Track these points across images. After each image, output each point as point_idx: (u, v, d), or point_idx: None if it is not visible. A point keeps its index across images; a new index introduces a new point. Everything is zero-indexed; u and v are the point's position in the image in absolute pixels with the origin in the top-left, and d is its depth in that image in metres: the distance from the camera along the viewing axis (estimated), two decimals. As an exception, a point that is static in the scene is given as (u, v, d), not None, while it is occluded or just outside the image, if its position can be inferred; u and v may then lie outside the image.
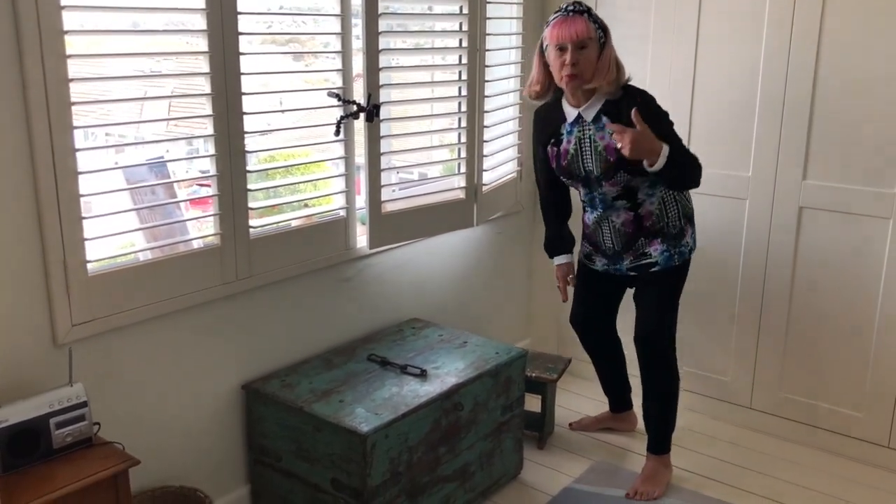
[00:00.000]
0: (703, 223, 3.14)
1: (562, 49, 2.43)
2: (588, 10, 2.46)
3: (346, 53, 2.55)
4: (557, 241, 2.90)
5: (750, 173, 3.01)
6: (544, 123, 2.69)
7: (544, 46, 2.52)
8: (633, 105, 2.42)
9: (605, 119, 2.50)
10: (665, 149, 2.37)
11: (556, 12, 2.48)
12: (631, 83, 2.54)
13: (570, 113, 2.58)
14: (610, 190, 2.58)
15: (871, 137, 2.73)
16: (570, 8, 2.45)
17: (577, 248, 2.91)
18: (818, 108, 2.82)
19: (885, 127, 2.70)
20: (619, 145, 2.37)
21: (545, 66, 2.55)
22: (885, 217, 2.75)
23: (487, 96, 3.02)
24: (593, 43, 2.44)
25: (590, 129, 2.54)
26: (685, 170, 2.46)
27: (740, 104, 2.97)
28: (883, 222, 2.76)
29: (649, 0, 3.09)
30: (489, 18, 2.97)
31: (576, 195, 2.84)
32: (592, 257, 2.80)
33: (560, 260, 2.90)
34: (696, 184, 2.53)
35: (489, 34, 2.98)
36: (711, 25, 3.00)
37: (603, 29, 2.48)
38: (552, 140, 2.65)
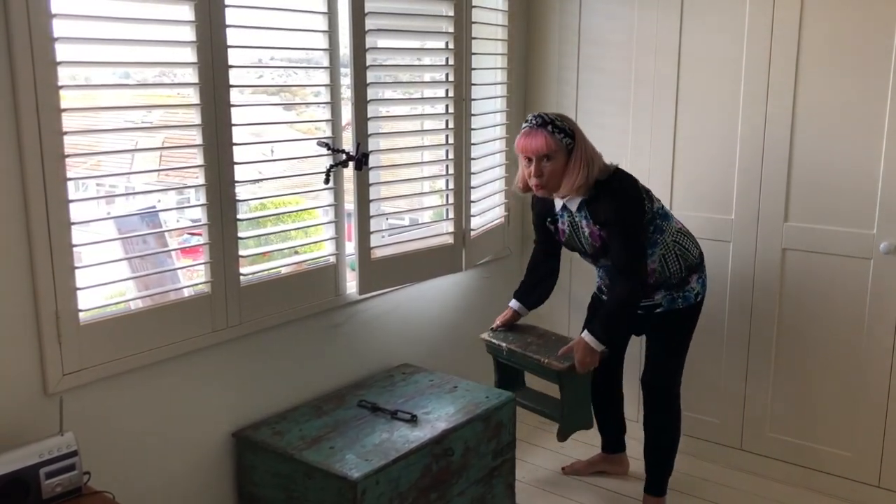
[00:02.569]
0: (689, 266, 3.19)
1: (528, 159, 2.56)
2: (552, 122, 2.54)
3: (335, 104, 2.60)
4: (525, 287, 2.97)
5: (733, 216, 3.07)
6: (541, 207, 2.81)
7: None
8: (606, 211, 2.55)
9: (586, 211, 2.61)
10: (596, 344, 2.60)
11: (525, 122, 2.59)
12: (618, 168, 2.63)
13: (557, 202, 2.70)
14: (607, 263, 2.68)
15: (849, 180, 2.80)
16: (533, 122, 2.56)
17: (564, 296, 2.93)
18: (797, 152, 2.89)
19: (862, 170, 2.77)
20: (565, 366, 2.63)
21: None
22: (866, 257, 2.80)
23: (474, 144, 3.08)
24: (558, 153, 2.53)
25: (576, 217, 2.65)
26: (622, 320, 2.64)
27: (721, 150, 3.04)
28: (864, 262, 2.81)
29: (629, 51, 3.18)
30: (475, 69, 3.04)
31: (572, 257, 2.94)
32: (604, 292, 2.86)
33: (514, 304, 2.96)
34: (628, 317, 2.67)
35: (475, 84, 3.05)
36: (691, 76, 3.08)
37: (570, 135, 2.55)
38: (549, 218, 2.77)
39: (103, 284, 2.11)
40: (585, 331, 2.63)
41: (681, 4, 3.06)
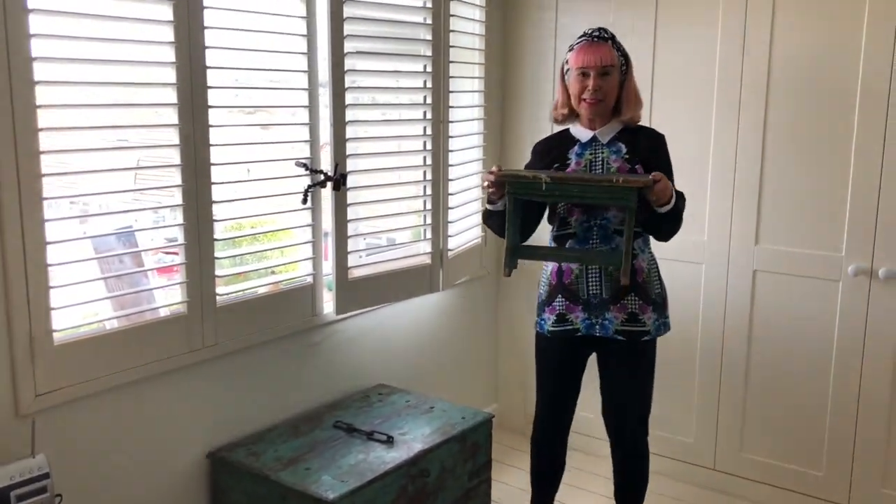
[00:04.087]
0: (663, 287, 3.23)
1: (584, 74, 2.40)
2: (613, 38, 2.43)
3: (313, 124, 2.62)
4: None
5: (705, 238, 3.12)
6: (545, 152, 2.57)
7: (566, 70, 2.48)
8: (653, 140, 2.46)
9: (621, 145, 2.46)
10: (673, 195, 2.36)
11: (581, 37, 2.43)
12: None
13: (584, 135, 2.50)
14: (614, 217, 2.42)
15: (818, 203, 2.86)
16: (596, 34, 2.42)
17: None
18: (767, 175, 2.95)
19: (830, 194, 2.83)
20: (655, 178, 2.25)
21: (566, 90, 2.50)
22: (835, 280, 2.86)
23: (452, 165, 3.11)
24: (616, 70, 2.41)
25: (603, 152, 2.46)
26: (679, 218, 2.44)
27: (694, 172, 3.10)
28: (833, 284, 2.86)
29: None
30: (452, 92, 3.08)
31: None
32: (567, 317, 2.50)
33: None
34: (675, 232, 2.49)
35: (452, 106, 3.09)
36: (664, 99, 3.14)
37: (625, 57, 2.45)
38: (556, 165, 2.50)
39: (79, 304, 2.10)
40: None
41: (654, 30, 3.12)
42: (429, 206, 3.03)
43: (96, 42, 2.08)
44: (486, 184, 2.39)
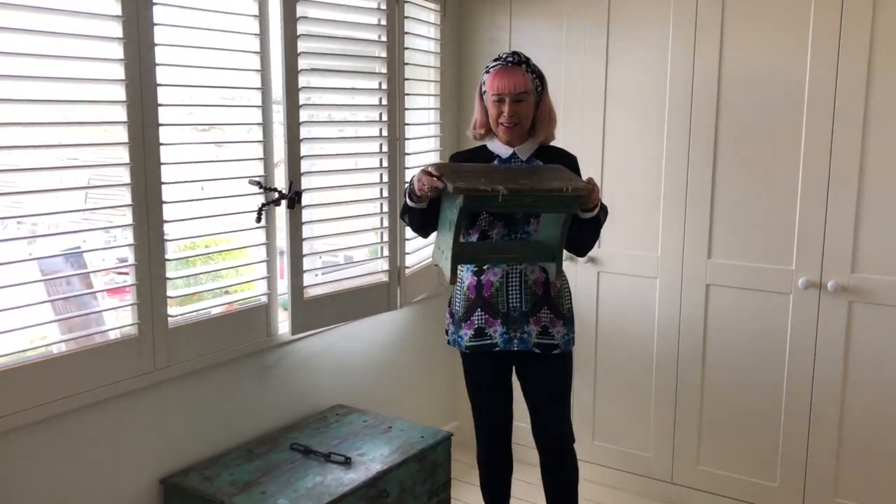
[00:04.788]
0: (617, 302, 3.26)
1: (500, 100, 2.43)
2: (527, 61, 2.45)
3: (267, 142, 2.59)
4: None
5: (659, 253, 3.16)
6: (474, 156, 2.58)
7: (483, 91, 2.50)
8: (566, 160, 2.51)
9: (539, 162, 2.50)
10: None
11: (496, 61, 2.45)
12: None
13: (503, 151, 2.52)
14: (534, 231, 2.46)
15: (769, 218, 2.92)
16: (510, 59, 2.43)
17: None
18: (719, 190, 3.00)
19: (780, 208, 2.89)
20: (592, 184, 2.28)
21: (485, 108, 2.52)
22: (786, 292, 2.91)
23: (408, 182, 3.10)
24: (531, 94, 2.44)
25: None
26: (599, 227, 2.46)
27: (647, 188, 3.14)
28: (784, 297, 2.92)
29: (558, 93, 3.26)
30: (408, 109, 3.08)
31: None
32: (486, 331, 2.49)
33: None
34: (594, 242, 2.52)
35: (408, 124, 3.09)
36: (617, 116, 3.18)
37: (540, 79, 2.49)
38: None
39: (24, 328, 2.03)
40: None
41: (606, 47, 3.16)
42: (386, 224, 3.02)
43: (44, 59, 2.03)
44: (426, 187, 2.25)
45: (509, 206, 2.30)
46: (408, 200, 2.42)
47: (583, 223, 2.38)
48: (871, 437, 2.83)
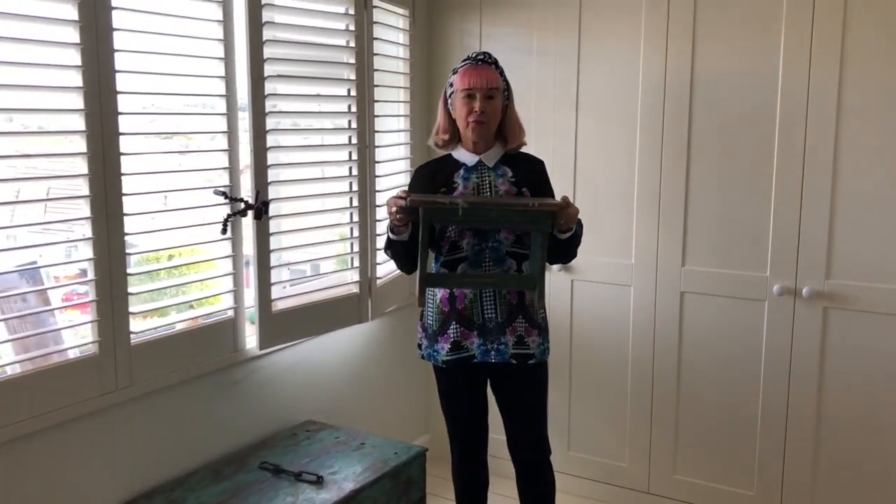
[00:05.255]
0: (591, 310, 3.22)
1: (470, 96, 2.39)
2: (496, 62, 2.44)
3: (232, 150, 2.51)
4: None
5: (633, 261, 3.12)
6: (432, 174, 2.51)
7: (449, 94, 2.47)
8: (534, 165, 2.49)
9: (506, 169, 2.46)
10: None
11: (465, 60, 2.44)
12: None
13: (469, 158, 2.47)
14: (506, 239, 2.40)
15: (743, 225, 2.90)
16: (480, 57, 2.42)
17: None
18: (692, 196, 2.98)
19: (754, 215, 2.87)
20: (565, 202, 2.27)
21: (450, 114, 2.48)
22: (761, 299, 2.90)
23: (379, 191, 3.04)
24: (500, 94, 2.42)
25: (490, 176, 2.44)
26: (576, 245, 2.46)
27: (619, 195, 3.11)
28: (759, 304, 2.90)
29: (528, 99, 3.22)
30: (378, 116, 3.01)
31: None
32: (462, 344, 2.43)
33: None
34: (570, 259, 2.53)
35: (378, 131, 3.02)
36: (589, 122, 3.14)
37: (507, 84, 2.47)
38: (442, 189, 2.45)
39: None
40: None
41: (577, 54, 3.13)
42: (356, 234, 2.95)
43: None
44: (394, 209, 2.29)
45: (473, 221, 2.28)
46: (390, 234, 2.42)
47: (559, 242, 2.37)
48: (848, 445, 2.82)
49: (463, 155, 2.50)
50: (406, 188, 2.59)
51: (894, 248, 2.67)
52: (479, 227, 2.38)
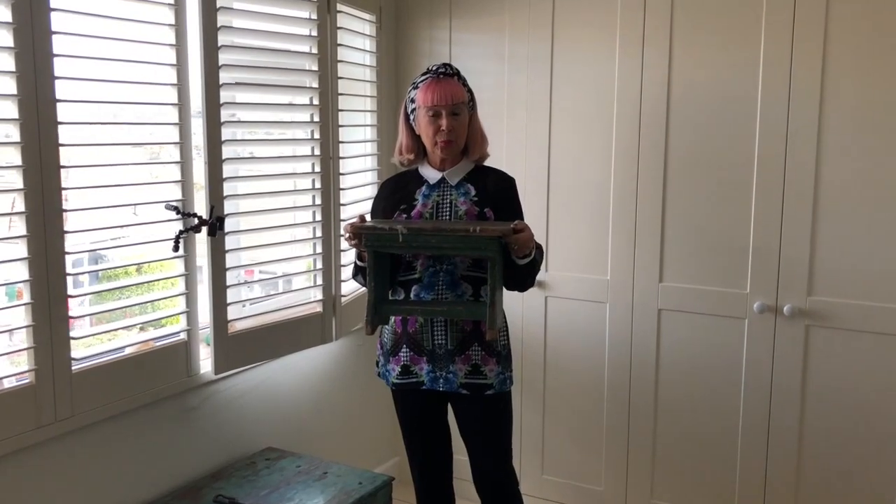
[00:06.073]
0: (566, 327, 3.10)
1: (436, 115, 2.26)
2: (458, 73, 2.32)
3: (185, 162, 2.35)
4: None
5: (608, 277, 3.01)
6: (394, 189, 2.41)
7: (410, 111, 2.34)
8: (503, 183, 2.36)
9: (470, 187, 2.34)
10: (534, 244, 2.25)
11: (425, 74, 2.31)
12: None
13: (432, 176, 2.36)
14: (461, 262, 2.29)
15: (721, 240, 2.80)
16: (441, 70, 2.29)
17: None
18: (669, 211, 2.87)
19: (733, 230, 2.77)
20: (517, 227, 2.14)
21: (412, 131, 2.36)
22: (741, 317, 2.79)
23: (343, 204, 2.90)
24: (465, 108, 2.30)
25: (451, 194, 2.33)
26: (534, 272, 2.33)
27: (594, 208, 2.99)
28: (739, 322, 2.80)
29: (500, 108, 3.11)
30: (342, 126, 2.87)
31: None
32: (412, 369, 2.34)
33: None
34: (528, 286, 2.38)
35: (343, 142, 2.88)
36: (563, 133, 3.03)
37: (471, 93, 2.35)
38: (402, 206, 2.35)
39: None
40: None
41: (550, 62, 3.02)
42: (319, 250, 2.80)
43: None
44: (346, 235, 2.21)
45: (414, 248, 2.19)
46: (357, 260, 2.36)
47: (517, 267, 2.23)
48: (831, 465, 2.72)
49: (427, 170, 2.38)
50: (372, 202, 2.49)
51: (878, 264, 2.57)
52: (425, 253, 2.26)
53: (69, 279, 2.08)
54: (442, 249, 2.17)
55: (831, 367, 2.68)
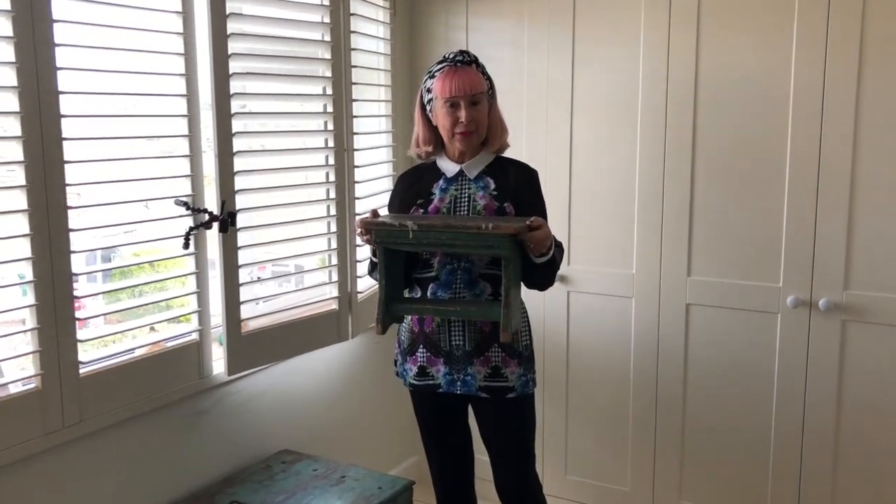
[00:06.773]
0: (589, 323, 3.00)
1: (454, 105, 2.16)
2: (476, 60, 2.21)
3: (195, 156, 2.26)
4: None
5: (634, 271, 2.90)
6: (411, 183, 2.32)
7: (427, 101, 2.24)
8: (525, 176, 2.26)
9: (489, 180, 2.23)
10: (552, 242, 2.15)
11: (441, 63, 2.20)
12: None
13: (450, 169, 2.27)
14: (479, 260, 2.19)
15: (753, 232, 2.68)
16: (459, 58, 2.18)
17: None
18: (697, 203, 2.76)
19: (765, 222, 2.66)
20: (533, 224, 2.03)
21: (430, 122, 2.26)
22: (774, 312, 2.68)
23: (358, 198, 2.80)
24: (484, 98, 2.20)
25: (469, 188, 2.23)
26: (554, 271, 2.22)
27: (619, 200, 2.88)
28: (772, 317, 2.68)
29: (519, 98, 3.00)
30: (356, 117, 2.77)
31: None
32: (428, 371, 2.25)
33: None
34: (548, 285, 2.29)
35: (357, 133, 2.78)
36: (586, 123, 2.92)
37: (490, 81, 2.24)
38: (419, 201, 2.26)
39: None
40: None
41: (572, 48, 2.90)
42: (334, 245, 2.71)
43: None
44: (359, 231, 2.15)
45: (425, 245, 2.11)
46: (372, 257, 2.28)
47: (536, 266, 2.12)
48: (868, 465, 2.61)
49: (445, 163, 2.28)
50: (389, 197, 2.41)
51: (920, 257, 2.46)
52: (436, 250, 2.17)
53: (80, 279, 1.99)
54: (453, 247, 2.08)
55: (869, 364, 2.57)
